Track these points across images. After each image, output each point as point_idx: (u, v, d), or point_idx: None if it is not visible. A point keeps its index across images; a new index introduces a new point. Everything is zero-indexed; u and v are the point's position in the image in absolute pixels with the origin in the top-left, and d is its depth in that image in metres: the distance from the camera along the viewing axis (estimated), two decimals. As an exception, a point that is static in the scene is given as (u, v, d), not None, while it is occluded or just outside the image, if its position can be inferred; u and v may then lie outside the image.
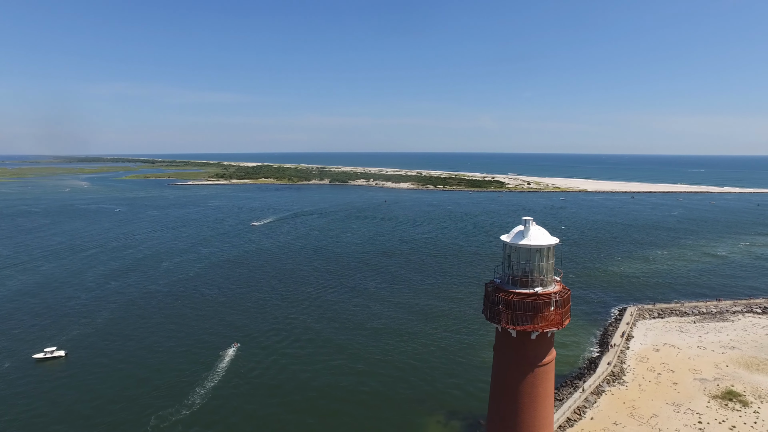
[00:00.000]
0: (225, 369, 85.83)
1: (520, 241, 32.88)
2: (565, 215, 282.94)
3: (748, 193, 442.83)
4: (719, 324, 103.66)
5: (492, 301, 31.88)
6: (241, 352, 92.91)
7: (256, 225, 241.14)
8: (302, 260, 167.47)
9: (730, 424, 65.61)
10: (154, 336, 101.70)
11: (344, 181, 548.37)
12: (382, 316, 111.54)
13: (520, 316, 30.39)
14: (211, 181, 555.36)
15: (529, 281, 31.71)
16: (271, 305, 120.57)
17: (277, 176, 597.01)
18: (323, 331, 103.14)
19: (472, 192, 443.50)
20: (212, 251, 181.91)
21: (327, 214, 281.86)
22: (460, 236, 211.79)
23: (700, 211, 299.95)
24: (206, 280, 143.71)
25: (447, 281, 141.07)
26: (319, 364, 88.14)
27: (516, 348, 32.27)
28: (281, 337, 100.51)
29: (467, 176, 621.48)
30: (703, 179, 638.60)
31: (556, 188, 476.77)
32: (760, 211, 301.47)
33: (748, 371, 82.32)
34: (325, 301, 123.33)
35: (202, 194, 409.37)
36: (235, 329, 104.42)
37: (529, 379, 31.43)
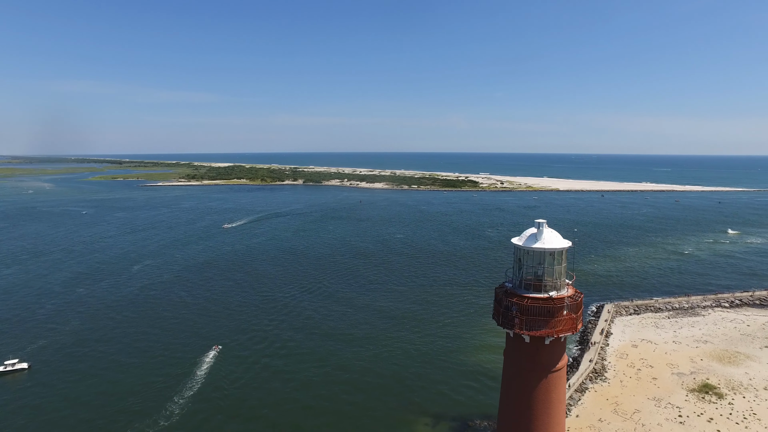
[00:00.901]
0: (204, 376, 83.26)
1: (533, 245, 32.48)
2: (539, 215, 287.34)
3: (710, 191, 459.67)
4: (691, 319, 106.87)
5: (505, 306, 31.38)
6: (221, 357, 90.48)
7: (228, 227, 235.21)
8: (278, 262, 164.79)
9: (707, 417, 67.44)
10: (127, 344, 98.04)
11: (318, 182, 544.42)
12: (360, 320, 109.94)
13: (535, 321, 29.99)
14: (182, 182, 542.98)
15: (542, 285, 31.38)
16: (248, 310, 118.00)
17: (250, 177, 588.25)
18: (302, 336, 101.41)
19: (447, 192, 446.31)
20: (186, 254, 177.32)
21: (302, 215, 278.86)
22: (437, 237, 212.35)
23: (666, 209, 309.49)
24: (181, 284, 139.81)
25: (426, 283, 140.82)
26: (301, 371, 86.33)
27: (530, 353, 31.85)
28: (260, 343, 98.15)
29: (441, 176, 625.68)
30: (668, 178, 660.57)
31: (528, 187, 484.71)
32: (721, 209, 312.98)
33: (720, 364, 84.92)
34: (303, 305, 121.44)
35: (173, 195, 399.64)
36: (212, 334, 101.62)
37: (543, 384, 31.06)
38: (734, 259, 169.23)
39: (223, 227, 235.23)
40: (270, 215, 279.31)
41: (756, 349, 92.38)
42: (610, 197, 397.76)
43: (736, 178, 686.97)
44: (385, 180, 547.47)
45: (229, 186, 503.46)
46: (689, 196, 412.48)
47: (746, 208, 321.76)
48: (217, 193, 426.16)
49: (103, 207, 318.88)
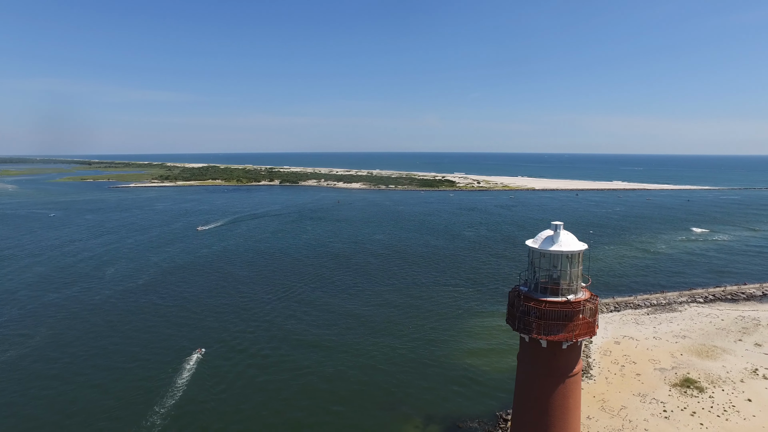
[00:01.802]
0: (186, 382, 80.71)
1: (550, 247, 31.92)
2: (517, 213, 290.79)
3: (679, 189, 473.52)
4: (669, 315, 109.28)
5: (522, 311, 30.75)
6: (205, 361, 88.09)
7: (203, 229, 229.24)
8: (256, 265, 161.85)
9: (690, 411, 68.78)
10: (103, 351, 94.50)
11: (295, 182, 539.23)
12: (342, 324, 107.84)
13: (553, 326, 29.48)
14: (155, 183, 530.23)
15: (559, 289, 30.89)
16: (229, 313, 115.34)
17: (225, 177, 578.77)
18: (283, 343, 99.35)
19: (424, 191, 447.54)
20: (162, 257, 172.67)
21: (279, 216, 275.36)
22: (416, 237, 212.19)
23: (638, 208, 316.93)
24: (158, 288, 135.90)
25: (406, 285, 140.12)
26: (287, 372, 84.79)
27: (547, 359, 31.32)
28: (240, 353, 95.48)
29: (418, 176, 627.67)
30: (640, 177, 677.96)
31: (505, 187, 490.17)
32: (690, 207, 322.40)
33: (699, 358, 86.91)
34: (283, 310, 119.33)
35: (146, 197, 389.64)
36: (193, 339, 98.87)
37: (561, 390, 30.59)
38: (704, 256, 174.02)
39: (197, 229, 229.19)
40: (247, 216, 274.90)
41: (731, 342, 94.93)
42: (584, 196, 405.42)
43: (702, 176, 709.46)
44: (363, 180, 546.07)
45: (204, 187, 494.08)
46: (659, 194, 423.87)
47: (712, 206, 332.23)
48: (191, 194, 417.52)
49: (73, 209, 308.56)
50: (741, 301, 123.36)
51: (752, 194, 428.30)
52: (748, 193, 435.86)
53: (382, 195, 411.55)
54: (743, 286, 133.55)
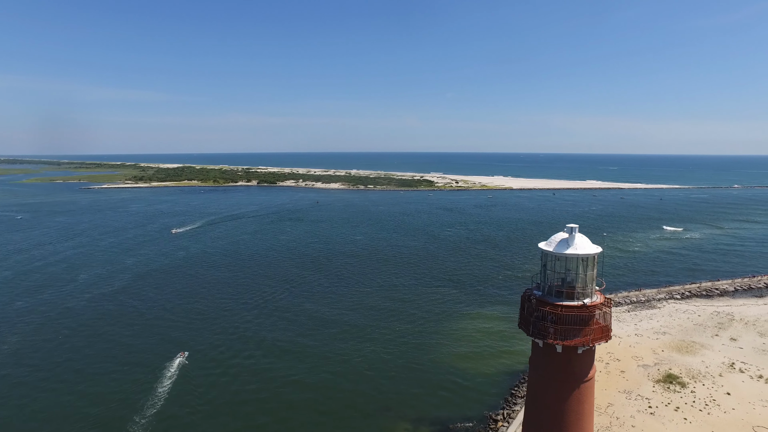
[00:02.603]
0: (168, 389, 78.26)
1: (565, 250, 31.50)
2: (496, 213, 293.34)
3: (651, 188, 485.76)
4: (649, 312, 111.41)
5: (537, 315, 30.21)
6: (187, 366, 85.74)
7: (178, 232, 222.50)
8: (235, 268, 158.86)
9: (674, 406, 69.99)
10: (78, 359, 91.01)
11: (273, 182, 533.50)
12: (324, 329, 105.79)
13: (569, 331, 29.11)
14: (128, 184, 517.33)
15: (575, 292, 30.50)
16: (210, 318, 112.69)
17: (201, 178, 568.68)
18: (272, 342, 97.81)
19: (403, 191, 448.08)
20: (137, 260, 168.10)
21: (258, 218, 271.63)
22: (396, 238, 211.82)
23: (614, 207, 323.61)
24: (134, 292, 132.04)
25: (388, 286, 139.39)
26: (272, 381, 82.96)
27: (562, 364, 30.89)
28: (226, 353, 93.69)
29: (397, 176, 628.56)
30: (614, 176, 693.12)
31: (483, 186, 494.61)
32: (662, 206, 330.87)
33: (680, 354, 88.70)
34: (269, 310, 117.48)
35: (120, 198, 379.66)
36: (174, 345, 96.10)
37: (576, 395, 30.20)
38: (678, 254, 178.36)
39: (172, 232, 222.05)
40: (224, 218, 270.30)
41: (708, 337, 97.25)
42: (560, 195, 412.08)
43: (673, 176, 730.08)
44: (341, 180, 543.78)
45: (180, 188, 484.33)
46: (633, 193, 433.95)
47: (683, 204, 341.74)
48: (167, 195, 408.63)
49: (42, 211, 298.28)
50: (715, 296, 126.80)
51: (719, 193, 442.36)
52: (715, 192, 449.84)
53: (361, 195, 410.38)
54: (716, 282, 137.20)
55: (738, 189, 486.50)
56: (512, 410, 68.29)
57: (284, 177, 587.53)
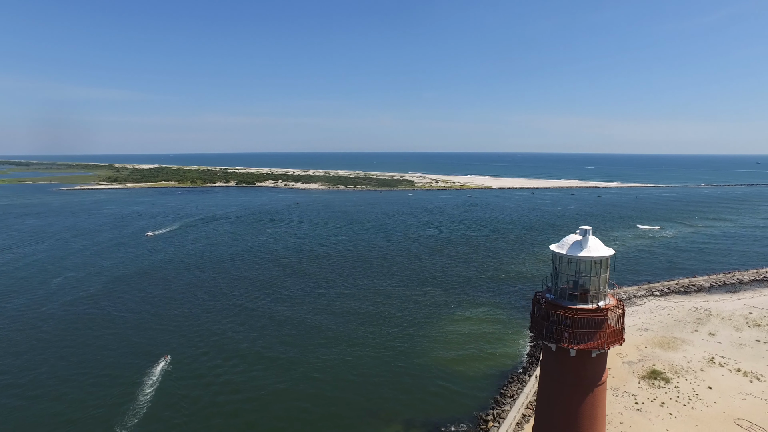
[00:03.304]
0: (150, 398, 76.01)
1: (579, 253, 31.11)
2: (477, 213, 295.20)
3: (627, 187, 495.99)
4: (631, 308, 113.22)
5: (552, 320, 29.68)
6: (171, 369, 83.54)
7: (153, 234, 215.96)
8: (217, 270, 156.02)
9: (660, 402, 71.12)
10: (56, 367, 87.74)
11: (252, 183, 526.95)
12: (310, 331, 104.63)
13: (584, 334, 28.71)
14: (103, 185, 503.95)
15: (588, 295, 30.12)
16: (192, 321, 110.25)
17: (179, 179, 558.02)
18: (255, 347, 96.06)
19: (383, 191, 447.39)
20: (114, 264, 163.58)
21: (238, 219, 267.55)
22: (379, 238, 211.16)
23: (591, 206, 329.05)
24: (112, 296, 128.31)
25: (372, 287, 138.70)
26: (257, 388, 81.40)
27: (576, 368, 30.46)
28: (212, 355, 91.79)
29: (376, 175, 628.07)
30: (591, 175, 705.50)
31: (463, 186, 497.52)
32: (638, 204, 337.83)
33: (662, 350, 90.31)
34: (252, 313, 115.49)
35: (94, 200, 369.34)
36: (156, 349, 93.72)
37: (589, 400, 29.81)
38: (654, 252, 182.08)
39: (147, 235, 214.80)
40: (203, 219, 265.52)
41: (688, 333, 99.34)
42: (539, 194, 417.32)
43: (648, 174, 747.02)
44: (321, 180, 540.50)
45: (157, 189, 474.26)
46: (609, 192, 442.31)
47: (658, 203, 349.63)
48: (143, 196, 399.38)
49: (11, 214, 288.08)
50: (693, 293, 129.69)
51: (690, 191, 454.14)
52: (686, 190, 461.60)
53: (342, 195, 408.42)
54: (693, 279, 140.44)
55: (707, 188, 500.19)
56: (502, 410, 68.31)
57: (263, 177, 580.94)
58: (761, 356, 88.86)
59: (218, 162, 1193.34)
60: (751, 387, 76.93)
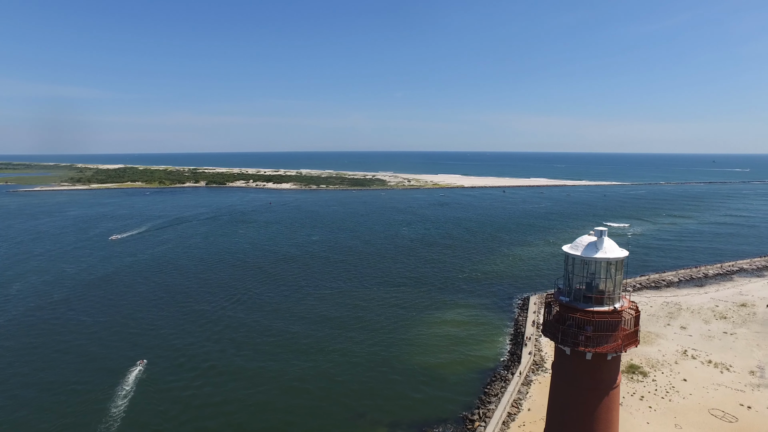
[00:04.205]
0: (124, 408, 72.79)
1: (594, 254, 30.66)
2: (451, 211, 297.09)
3: (595, 185, 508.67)
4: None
5: (569, 323, 29.00)
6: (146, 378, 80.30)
7: (117, 238, 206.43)
8: (189, 273, 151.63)
9: (639, 395, 72.61)
10: (18, 377, 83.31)
11: (222, 183, 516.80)
12: (287, 333, 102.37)
13: (601, 337, 28.32)
14: (64, 186, 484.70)
15: (604, 297, 29.73)
16: (165, 325, 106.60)
17: (146, 179, 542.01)
18: (232, 353, 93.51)
19: (356, 191, 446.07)
20: (79, 268, 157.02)
21: (209, 220, 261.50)
22: (353, 237, 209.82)
23: (562, 204, 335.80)
24: (78, 302, 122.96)
25: (354, 287, 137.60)
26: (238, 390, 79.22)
27: (592, 371, 30.03)
28: (189, 361, 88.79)
29: (348, 175, 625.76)
30: (560, 173, 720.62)
31: (435, 185, 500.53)
32: (607, 202, 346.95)
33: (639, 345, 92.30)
34: (227, 317, 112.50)
35: (55, 201, 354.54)
36: (130, 354, 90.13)
37: (605, 403, 29.46)
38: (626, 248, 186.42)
39: (110, 239, 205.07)
40: (173, 220, 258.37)
41: (661, 327, 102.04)
42: (511, 192, 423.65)
43: (614, 173, 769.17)
44: (293, 180, 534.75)
45: (123, 190, 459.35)
46: (578, 190, 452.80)
47: (625, 200, 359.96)
48: (109, 197, 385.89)
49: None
50: (663, 287, 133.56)
51: (654, 189, 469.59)
52: (650, 188, 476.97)
53: (315, 195, 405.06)
54: (663, 274, 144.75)
55: (669, 186, 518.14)
56: (488, 409, 68.31)
57: (234, 177, 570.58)
58: (729, 347, 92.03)
59: (186, 162, 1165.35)
60: (722, 377, 79.48)
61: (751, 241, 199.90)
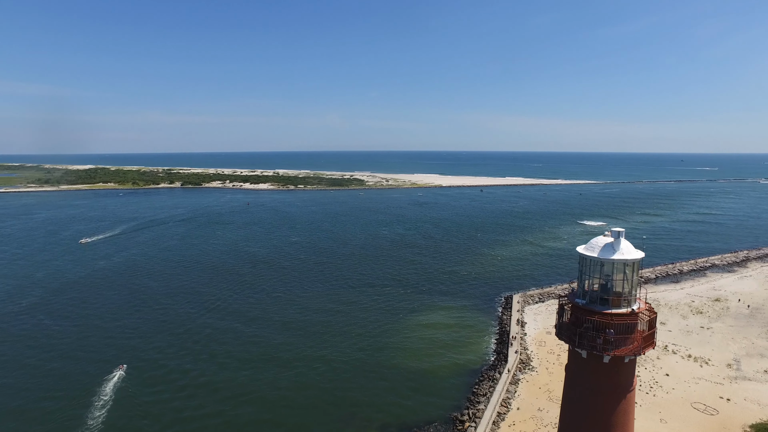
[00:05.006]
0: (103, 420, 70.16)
1: (611, 256, 30.33)
2: (430, 211, 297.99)
3: (571, 184, 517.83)
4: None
5: (586, 326, 28.64)
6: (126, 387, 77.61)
7: (87, 242, 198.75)
8: (166, 276, 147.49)
9: (623, 393, 73.57)
10: None
11: (198, 184, 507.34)
12: (272, 338, 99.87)
13: (620, 340, 28.02)
14: (32, 187, 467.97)
15: (621, 299, 29.43)
16: (144, 330, 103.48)
17: (118, 180, 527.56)
18: (213, 358, 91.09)
19: (334, 191, 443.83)
20: (50, 273, 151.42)
21: (186, 221, 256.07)
22: (333, 238, 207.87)
23: (539, 203, 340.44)
24: (51, 309, 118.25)
25: (335, 288, 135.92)
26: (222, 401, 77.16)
27: (610, 375, 29.62)
28: (170, 366, 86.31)
29: (326, 175, 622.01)
30: (537, 172, 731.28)
31: (413, 184, 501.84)
32: (582, 201, 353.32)
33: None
34: (207, 321, 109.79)
35: (22, 204, 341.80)
36: (108, 360, 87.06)
37: (623, 406, 29.13)
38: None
39: (80, 242, 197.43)
40: (148, 222, 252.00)
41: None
42: (488, 191, 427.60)
43: (589, 171, 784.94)
44: (270, 180, 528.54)
45: (94, 191, 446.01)
46: (555, 189, 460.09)
47: (600, 199, 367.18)
48: (81, 199, 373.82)
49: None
50: (641, 284, 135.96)
51: (628, 187, 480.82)
52: (624, 187, 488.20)
53: (293, 195, 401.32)
54: (640, 270, 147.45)
55: (641, 184, 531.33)
56: (477, 409, 68.22)
57: (210, 178, 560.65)
58: (706, 342, 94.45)
59: (160, 162, 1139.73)
60: (701, 371, 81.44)
61: (720, 238, 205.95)
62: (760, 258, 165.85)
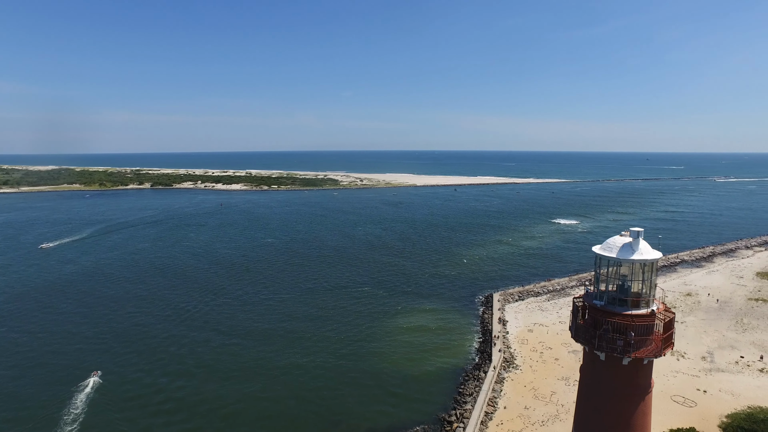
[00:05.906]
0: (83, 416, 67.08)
1: (630, 256, 29.91)
2: (406, 210, 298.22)
3: (543, 183, 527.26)
4: (566, 299, 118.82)
5: (605, 328, 28.06)
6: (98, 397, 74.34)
7: (49, 246, 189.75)
8: (139, 280, 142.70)
9: (606, 389, 74.65)
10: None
11: (169, 185, 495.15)
12: (250, 344, 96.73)
13: (640, 341, 27.66)
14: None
15: (640, 300, 29.05)
16: (117, 336, 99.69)
17: (84, 181, 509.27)
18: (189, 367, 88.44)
19: (308, 191, 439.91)
20: (12, 279, 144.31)
21: (157, 223, 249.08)
22: (308, 239, 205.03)
23: (513, 201, 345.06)
24: (14, 317, 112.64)
25: (313, 289, 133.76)
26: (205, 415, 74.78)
27: (629, 377, 29.24)
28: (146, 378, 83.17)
29: (300, 175, 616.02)
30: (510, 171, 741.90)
31: (388, 184, 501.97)
32: (555, 199, 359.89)
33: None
34: (183, 325, 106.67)
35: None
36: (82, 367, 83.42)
37: (641, 408, 28.97)
38: (576, 242, 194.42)
39: (41, 247, 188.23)
40: (117, 225, 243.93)
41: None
42: (462, 191, 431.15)
43: (560, 170, 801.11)
44: (243, 181, 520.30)
45: (59, 193, 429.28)
46: (528, 187, 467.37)
47: (571, 197, 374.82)
48: (44, 201, 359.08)
49: None
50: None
51: (597, 186, 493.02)
52: (594, 185, 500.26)
53: (266, 196, 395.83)
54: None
55: (610, 183, 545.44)
56: (464, 409, 68.04)
57: (181, 178, 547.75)
58: (681, 335, 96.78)
59: (127, 163, 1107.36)
60: (678, 365, 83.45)
61: (687, 235, 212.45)
62: (725, 253, 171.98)
